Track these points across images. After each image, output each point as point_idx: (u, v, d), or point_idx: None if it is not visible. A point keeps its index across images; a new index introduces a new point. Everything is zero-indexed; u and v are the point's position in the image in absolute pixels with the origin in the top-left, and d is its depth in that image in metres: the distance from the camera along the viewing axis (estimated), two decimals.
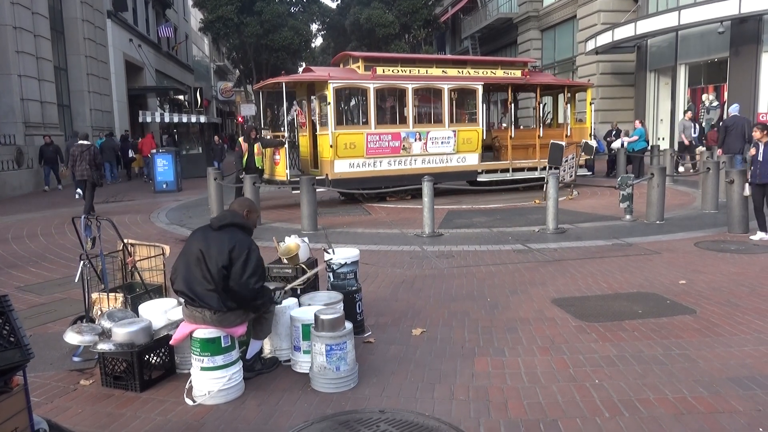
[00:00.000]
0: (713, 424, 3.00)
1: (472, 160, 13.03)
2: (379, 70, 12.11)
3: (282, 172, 11.65)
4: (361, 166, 11.80)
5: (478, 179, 13.07)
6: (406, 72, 12.47)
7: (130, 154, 21.50)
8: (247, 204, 3.90)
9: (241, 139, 11.54)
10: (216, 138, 19.05)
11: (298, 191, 9.98)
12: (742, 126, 11.99)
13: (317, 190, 10.64)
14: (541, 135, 13.98)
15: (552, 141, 13.49)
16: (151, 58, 28.79)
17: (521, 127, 16.76)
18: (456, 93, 13.08)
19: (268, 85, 12.54)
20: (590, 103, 14.92)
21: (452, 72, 13.06)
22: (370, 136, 11.83)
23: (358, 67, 12.25)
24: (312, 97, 12.67)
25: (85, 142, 11.01)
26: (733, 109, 13.10)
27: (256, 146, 11.33)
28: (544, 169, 13.89)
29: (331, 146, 11.37)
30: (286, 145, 11.62)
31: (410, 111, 12.40)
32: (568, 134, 14.46)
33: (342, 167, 11.57)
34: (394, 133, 12.13)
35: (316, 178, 10.95)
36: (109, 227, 4.82)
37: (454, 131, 12.69)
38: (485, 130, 13.47)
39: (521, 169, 13.79)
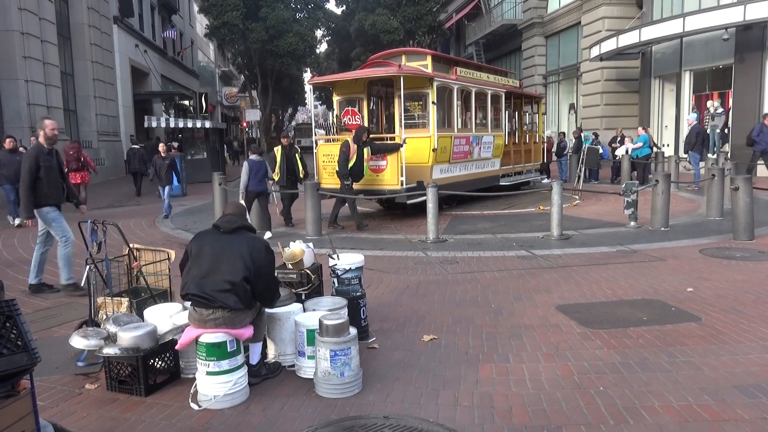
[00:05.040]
0: None
1: (497, 164, 13.26)
2: (459, 71, 11.54)
3: (392, 179, 10.06)
4: (446, 171, 11.06)
5: (501, 183, 13.31)
6: (470, 75, 12.26)
7: None
8: (244, 208, 4.17)
9: (350, 139, 9.71)
10: (161, 147, 13.18)
11: (418, 200, 9.59)
12: (703, 131, 14.79)
13: (413, 202, 9.95)
14: (527, 141, 15.07)
15: (588, 146, 15.16)
16: (156, 63, 28.95)
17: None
18: (492, 99, 13.07)
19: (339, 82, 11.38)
20: (543, 114, 15.99)
21: (491, 78, 13.28)
22: (456, 140, 11.14)
23: (425, 65, 11.10)
24: (367, 95, 11.41)
25: (137, 147, 16.93)
26: (694, 118, 14.95)
27: (366, 151, 9.70)
28: (529, 172, 15.04)
29: (433, 150, 10.19)
30: (402, 149, 9.99)
31: (473, 115, 12.06)
32: (536, 141, 15.64)
33: (437, 173, 10.58)
34: (467, 137, 11.67)
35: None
36: (115, 232, 4.85)
37: (493, 136, 12.84)
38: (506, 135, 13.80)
39: (519, 173, 14.46)
